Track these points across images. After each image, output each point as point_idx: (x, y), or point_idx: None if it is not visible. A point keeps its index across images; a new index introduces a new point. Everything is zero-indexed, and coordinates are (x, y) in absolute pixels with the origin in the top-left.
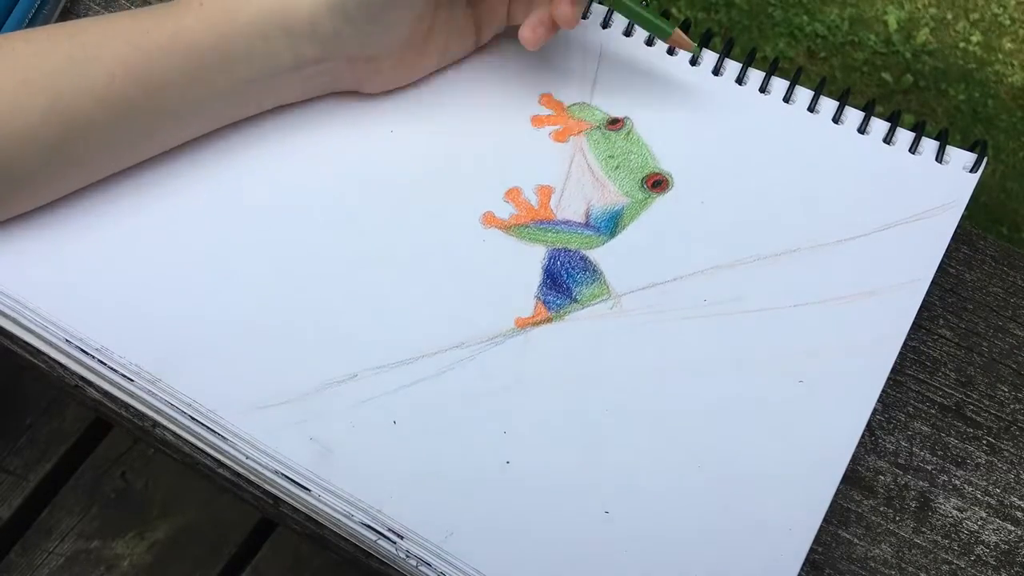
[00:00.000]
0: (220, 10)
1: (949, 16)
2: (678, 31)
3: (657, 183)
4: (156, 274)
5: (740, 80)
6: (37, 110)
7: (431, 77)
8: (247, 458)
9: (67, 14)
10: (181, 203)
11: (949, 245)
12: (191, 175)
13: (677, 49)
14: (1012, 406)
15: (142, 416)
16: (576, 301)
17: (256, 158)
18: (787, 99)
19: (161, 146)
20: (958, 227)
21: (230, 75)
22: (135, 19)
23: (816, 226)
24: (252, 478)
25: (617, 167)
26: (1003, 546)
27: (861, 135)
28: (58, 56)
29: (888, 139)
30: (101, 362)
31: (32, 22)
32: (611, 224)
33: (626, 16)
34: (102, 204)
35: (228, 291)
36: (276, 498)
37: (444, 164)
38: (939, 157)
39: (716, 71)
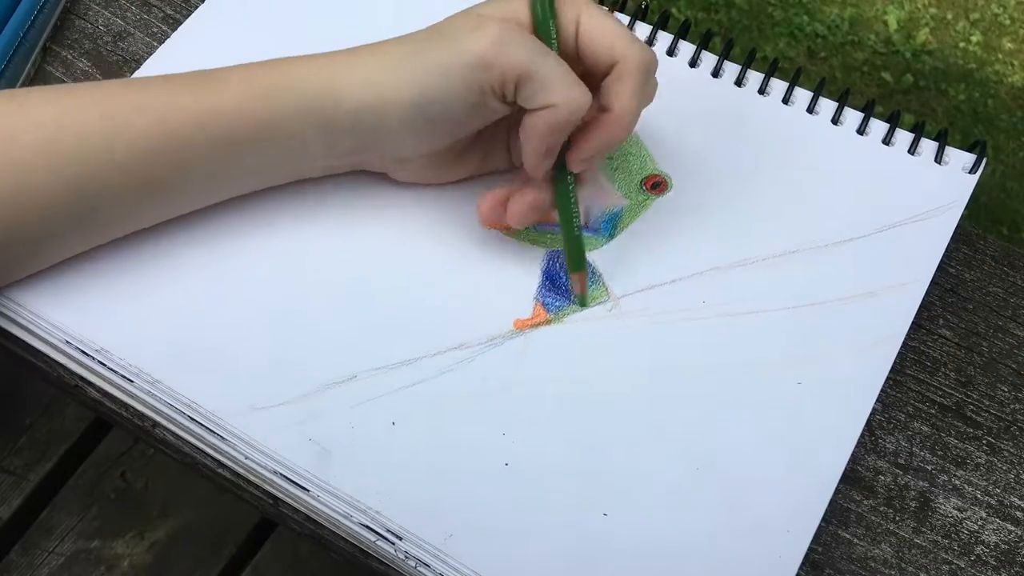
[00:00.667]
0: (260, 95)
1: (949, 16)
2: (584, 273)
3: (656, 185)
4: (156, 275)
5: (739, 82)
6: (57, 182)
7: None
8: (246, 458)
9: (67, 14)
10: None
11: (949, 245)
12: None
13: (677, 50)
14: (1012, 406)
15: (142, 416)
16: (575, 303)
17: None
18: (786, 100)
19: (183, 211)
20: (958, 227)
21: (260, 159)
22: (169, 90)
23: (815, 227)
24: (252, 478)
25: (616, 169)
26: (1003, 546)
27: (860, 136)
28: (83, 125)
29: (887, 140)
30: (101, 363)
31: (34, 23)
32: (610, 226)
33: (563, 228)
34: None
35: (228, 292)
36: (276, 498)
37: None
38: (938, 158)
39: (715, 73)
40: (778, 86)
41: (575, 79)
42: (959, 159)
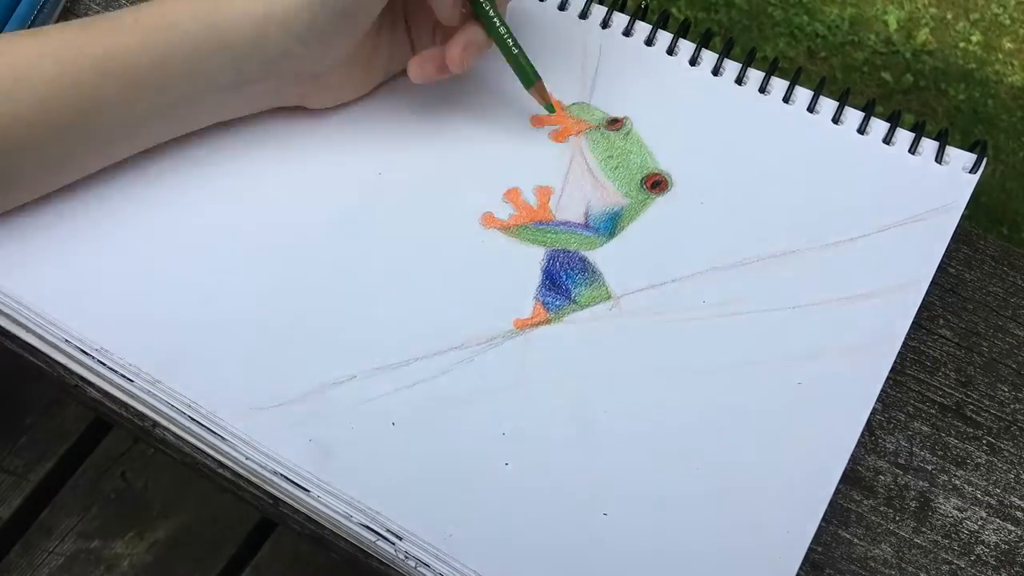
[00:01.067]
0: (156, 27)
1: (949, 16)
2: (541, 84)
3: (656, 183)
4: (156, 275)
5: (740, 80)
6: None
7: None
8: (247, 459)
9: (67, 14)
10: (181, 205)
11: (949, 245)
12: (192, 177)
13: (677, 49)
14: (1012, 406)
15: (142, 416)
16: (575, 302)
17: (258, 162)
18: (787, 99)
19: (98, 164)
20: (958, 227)
21: (167, 95)
22: (67, 35)
23: (815, 227)
24: (252, 479)
25: (616, 167)
26: (1003, 546)
27: (861, 135)
28: None
29: (888, 139)
30: (101, 363)
31: (34, 23)
32: (610, 225)
33: (502, 51)
34: (102, 205)
35: (228, 292)
36: (276, 498)
37: (443, 165)
38: (939, 157)
39: (716, 71)
40: (779, 85)
41: None
42: (959, 159)
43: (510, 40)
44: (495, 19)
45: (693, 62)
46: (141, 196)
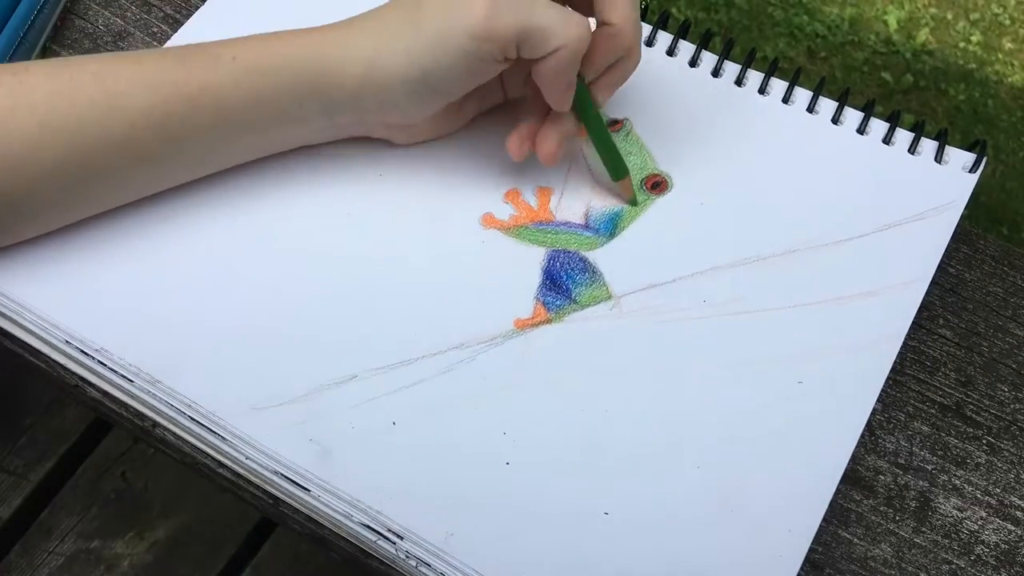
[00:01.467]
0: (254, 69)
1: (949, 16)
2: (628, 179)
3: (656, 184)
4: (156, 275)
5: (739, 81)
6: (54, 155)
7: None
8: (247, 459)
9: (67, 14)
10: (181, 204)
11: (949, 245)
12: (193, 180)
13: (677, 50)
14: (1012, 406)
15: (142, 416)
16: (575, 302)
17: (258, 164)
18: (786, 100)
19: (179, 182)
20: (958, 227)
21: (257, 133)
22: (163, 65)
23: (815, 227)
24: (252, 479)
25: None
26: (1003, 546)
27: (860, 135)
28: (80, 101)
29: (887, 139)
30: (101, 363)
31: (34, 23)
32: (610, 225)
33: (594, 140)
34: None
35: (228, 292)
36: (276, 498)
37: (444, 166)
38: (938, 157)
39: (715, 72)
40: (778, 86)
41: (569, 15)
42: (959, 158)
43: (607, 134)
44: (595, 113)
45: (693, 63)
46: (141, 200)
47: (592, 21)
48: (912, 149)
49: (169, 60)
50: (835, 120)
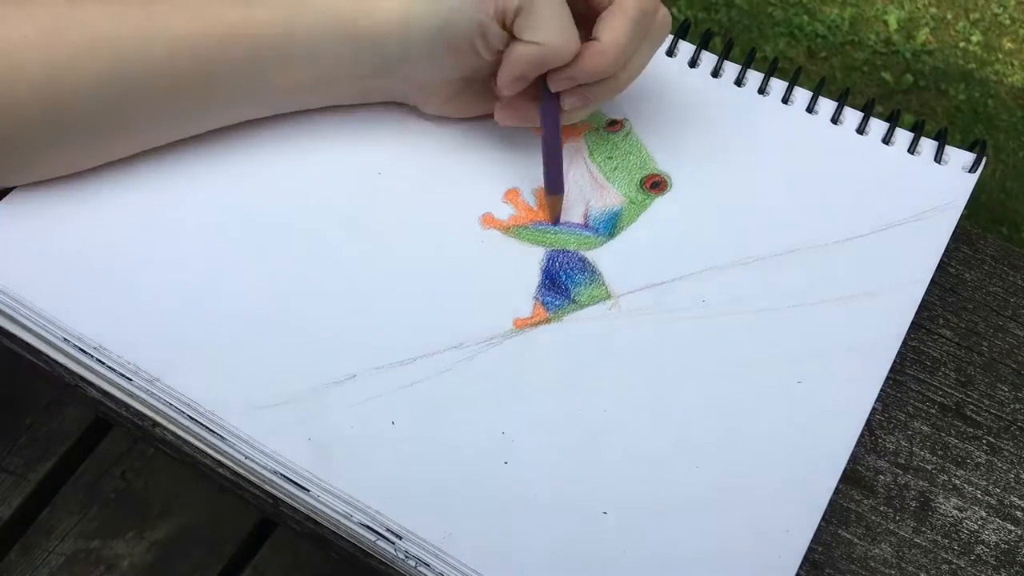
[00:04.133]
0: (291, 6)
1: (949, 16)
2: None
3: (656, 184)
4: (156, 273)
5: (739, 82)
6: (97, 70)
7: None
8: (246, 458)
9: None
10: (181, 204)
11: (949, 245)
12: (192, 177)
13: (676, 50)
14: (1012, 406)
15: (142, 416)
16: (575, 302)
17: (258, 162)
18: (786, 100)
19: (210, 126)
20: (958, 227)
21: (288, 74)
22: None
23: (815, 227)
24: (251, 478)
25: (616, 168)
26: (1003, 546)
27: (860, 135)
28: (128, 23)
29: (887, 139)
30: (100, 361)
31: None
32: (610, 225)
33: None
34: (102, 204)
35: (227, 291)
36: (275, 498)
37: (443, 166)
38: (938, 157)
39: (715, 73)
40: (778, 86)
41: (567, 24)
42: (959, 158)
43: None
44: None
45: (693, 63)
46: (141, 196)
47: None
48: (912, 149)
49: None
50: (835, 120)
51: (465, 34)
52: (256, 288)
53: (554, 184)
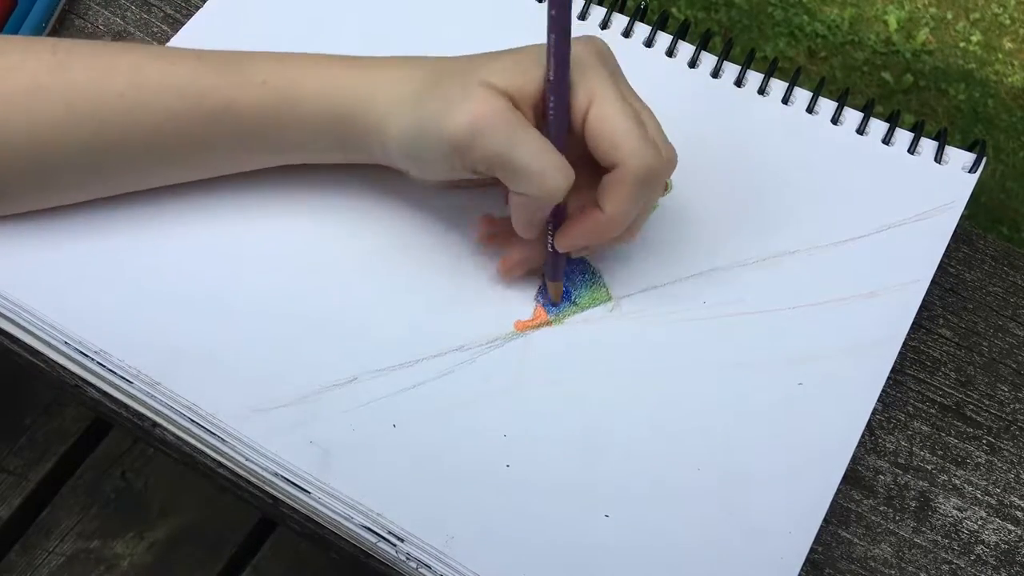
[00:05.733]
0: (281, 96)
1: (949, 16)
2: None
3: None
4: (156, 277)
5: (739, 82)
6: (79, 140)
7: None
8: (247, 460)
9: (67, 13)
10: (182, 205)
11: (949, 245)
12: (195, 182)
13: (676, 50)
14: (1012, 406)
15: (142, 416)
16: (575, 304)
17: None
18: (786, 100)
19: (194, 179)
20: (958, 227)
21: (276, 153)
22: (197, 73)
23: (815, 227)
24: (252, 479)
25: None
26: (1003, 546)
27: (860, 136)
28: (111, 91)
29: (887, 140)
30: (100, 364)
31: (32, 24)
32: None
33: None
34: (103, 208)
35: (229, 294)
36: (276, 498)
37: None
38: (938, 157)
39: (715, 73)
40: (778, 86)
41: (554, 165)
42: (959, 158)
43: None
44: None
45: (692, 64)
46: (142, 200)
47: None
48: (912, 149)
49: (204, 68)
50: (835, 120)
51: (436, 171)
52: (257, 291)
53: (550, 272)
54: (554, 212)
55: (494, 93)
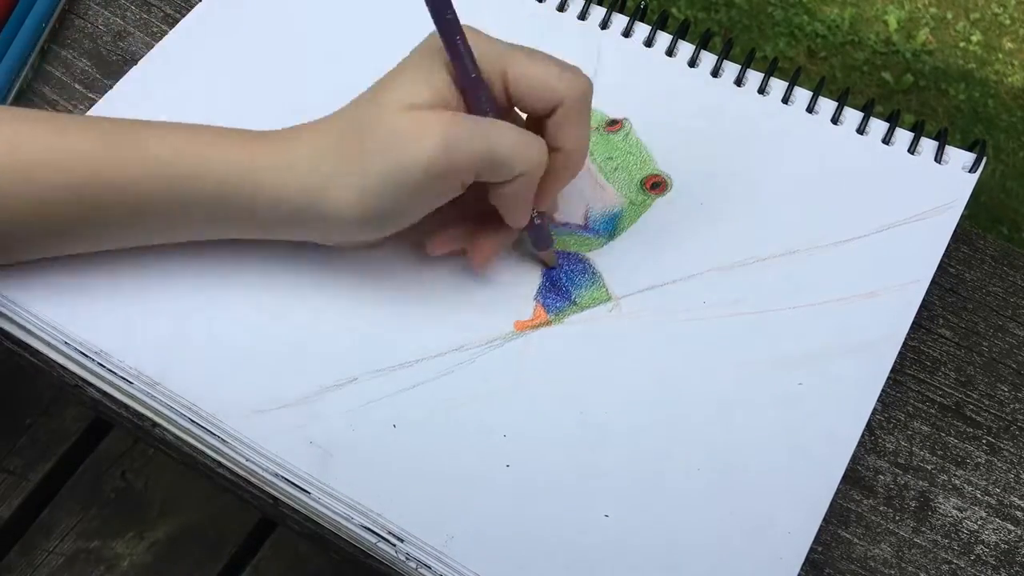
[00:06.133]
0: (180, 173)
1: (949, 16)
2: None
3: (656, 185)
4: (155, 277)
5: (739, 82)
6: (29, 201)
7: None
8: (247, 461)
9: (67, 13)
10: None
11: (949, 245)
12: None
13: (676, 50)
14: (1012, 406)
15: (142, 416)
16: (575, 304)
17: None
18: (786, 100)
19: (107, 248)
20: (958, 227)
21: (179, 231)
22: (85, 145)
23: (815, 227)
24: (252, 479)
25: (616, 169)
26: (1003, 546)
27: (860, 135)
28: (72, 156)
29: (887, 139)
30: (101, 364)
31: (31, 24)
32: (610, 226)
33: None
34: None
35: (228, 294)
36: (276, 498)
37: None
38: (938, 157)
39: (715, 72)
40: (778, 86)
41: (527, 139)
42: (959, 158)
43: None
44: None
45: (692, 63)
46: None
47: None
48: (912, 149)
49: (92, 139)
50: (835, 120)
51: (414, 212)
52: (256, 292)
53: (542, 242)
54: None
55: (432, 110)
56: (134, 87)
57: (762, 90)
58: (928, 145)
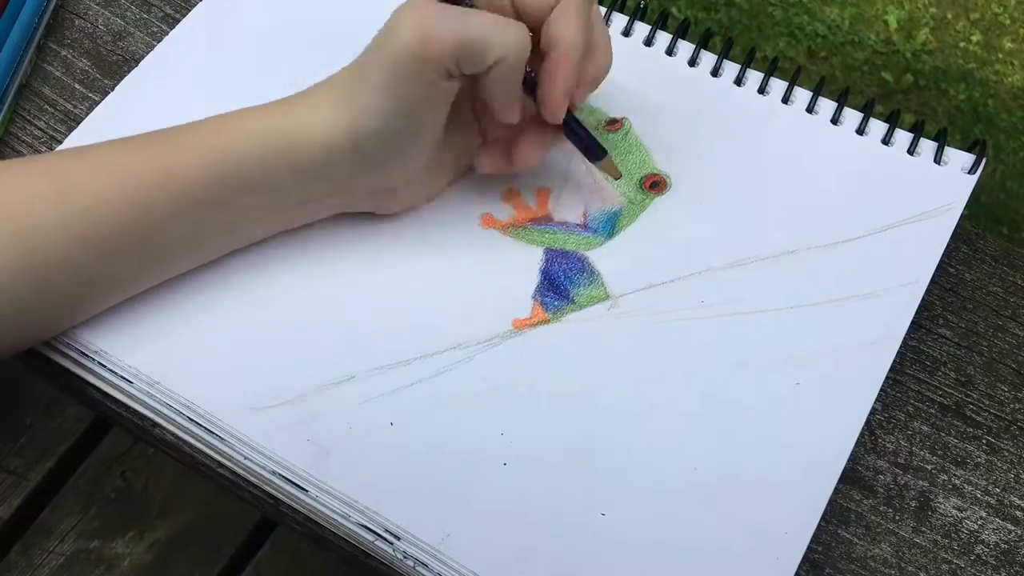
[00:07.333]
0: (216, 146)
1: (949, 16)
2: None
3: (655, 184)
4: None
5: (739, 81)
6: (12, 256)
7: None
8: (245, 459)
9: (67, 13)
10: None
11: (949, 245)
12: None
13: (676, 49)
14: (1012, 406)
15: (142, 416)
16: (573, 302)
17: None
18: (786, 100)
19: (156, 280)
20: (958, 227)
21: (227, 214)
22: (122, 153)
23: (814, 227)
24: (251, 479)
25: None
26: (1003, 546)
27: (860, 136)
28: (37, 198)
29: (887, 140)
30: (100, 364)
31: (26, 23)
32: (609, 225)
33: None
34: None
35: (226, 293)
36: (275, 498)
37: None
38: (938, 158)
39: (715, 72)
40: (777, 85)
41: (505, 22)
42: (959, 159)
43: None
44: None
45: (692, 63)
46: None
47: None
48: (911, 150)
49: (129, 147)
50: (835, 120)
51: (414, 110)
52: (254, 290)
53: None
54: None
55: (411, 3)
56: (134, 88)
57: (762, 90)
58: (928, 146)
